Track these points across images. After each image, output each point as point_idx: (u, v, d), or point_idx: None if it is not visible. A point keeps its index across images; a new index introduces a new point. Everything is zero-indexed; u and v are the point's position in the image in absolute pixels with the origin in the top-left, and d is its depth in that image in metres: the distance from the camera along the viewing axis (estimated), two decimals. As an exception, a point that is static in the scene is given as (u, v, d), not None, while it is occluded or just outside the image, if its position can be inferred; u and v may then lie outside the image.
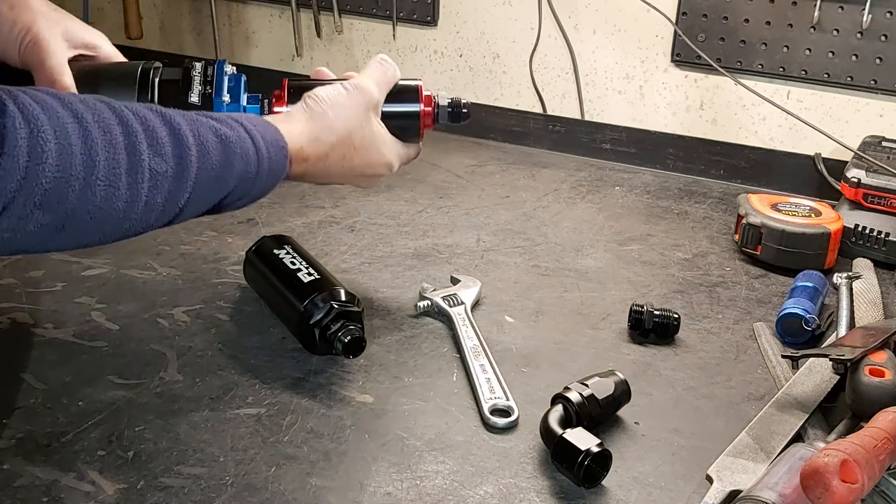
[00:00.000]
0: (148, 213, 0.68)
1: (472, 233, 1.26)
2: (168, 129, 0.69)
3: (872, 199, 1.24)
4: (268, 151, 0.77)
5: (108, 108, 0.66)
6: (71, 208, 0.62)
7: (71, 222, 0.63)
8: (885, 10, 1.41)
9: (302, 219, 1.27)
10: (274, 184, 0.81)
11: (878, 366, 0.81)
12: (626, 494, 0.74)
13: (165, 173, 0.68)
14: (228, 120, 0.76)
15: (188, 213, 0.72)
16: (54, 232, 0.62)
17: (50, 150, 0.59)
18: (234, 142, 0.74)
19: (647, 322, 0.98)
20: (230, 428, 0.80)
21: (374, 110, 0.90)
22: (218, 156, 0.72)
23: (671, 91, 1.63)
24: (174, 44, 2.10)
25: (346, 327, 0.88)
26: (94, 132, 0.63)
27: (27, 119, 0.58)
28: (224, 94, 0.88)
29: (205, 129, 0.72)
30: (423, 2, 1.78)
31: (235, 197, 0.77)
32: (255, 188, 0.78)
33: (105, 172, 0.63)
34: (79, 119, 0.62)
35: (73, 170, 0.61)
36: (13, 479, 0.72)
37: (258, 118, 0.81)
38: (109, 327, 0.95)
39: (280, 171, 0.80)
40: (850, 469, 0.62)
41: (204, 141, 0.71)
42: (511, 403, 0.84)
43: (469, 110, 0.96)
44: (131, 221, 0.67)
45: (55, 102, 0.62)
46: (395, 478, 0.75)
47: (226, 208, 0.78)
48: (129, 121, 0.66)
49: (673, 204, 1.41)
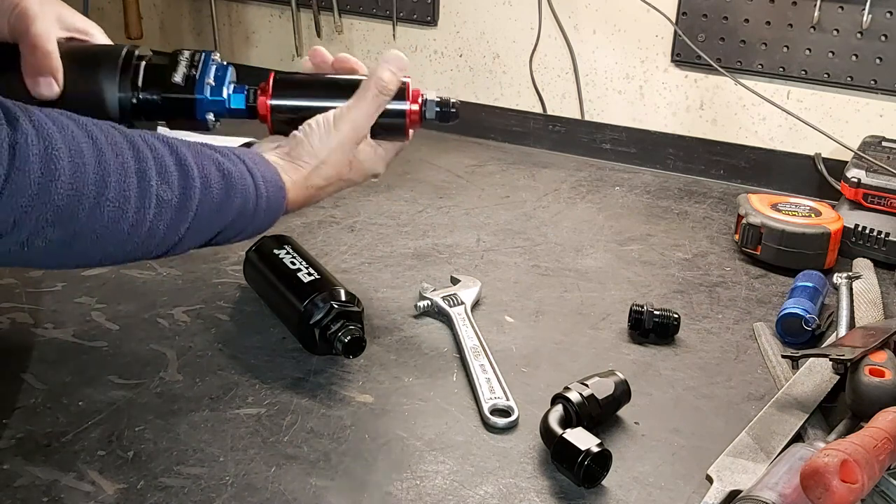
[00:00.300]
0: (150, 238, 0.69)
1: (472, 233, 1.26)
2: (174, 159, 0.70)
3: (872, 199, 1.24)
4: (266, 190, 0.78)
5: (120, 133, 0.67)
6: (80, 226, 0.63)
7: (78, 240, 0.64)
8: (885, 10, 1.41)
9: (302, 219, 1.27)
10: (271, 222, 0.82)
11: (878, 366, 0.81)
12: (626, 494, 0.74)
13: (170, 202, 0.69)
14: (231, 155, 0.77)
15: (186, 243, 0.74)
16: (61, 248, 0.63)
17: (63, 166, 0.60)
18: (235, 177, 0.75)
19: (647, 322, 0.98)
20: (230, 428, 0.80)
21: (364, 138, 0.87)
22: (219, 189, 0.73)
23: (671, 91, 1.63)
24: (174, 44, 2.10)
25: (346, 327, 0.88)
26: (108, 154, 0.64)
27: (41, 136, 0.59)
28: (209, 77, 0.87)
29: (208, 162, 0.73)
30: (423, 2, 1.78)
31: (232, 232, 0.78)
32: (251, 224, 0.79)
33: (115, 194, 0.64)
34: (93, 140, 0.64)
35: (85, 188, 0.62)
36: (13, 479, 0.72)
37: (259, 157, 0.81)
38: (109, 327, 0.95)
39: (277, 210, 0.81)
40: (850, 469, 0.62)
41: (207, 174, 0.72)
42: (511, 403, 0.84)
43: (458, 110, 0.92)
44: (133, 245, 0.68)
45: (69, 122, 0.63)
46: (395, 478, 0.75)
47: (221, 242, 0.79)
48: (139, 146, 0.67)
49: (673, 204, 1.41)
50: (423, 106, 0.91)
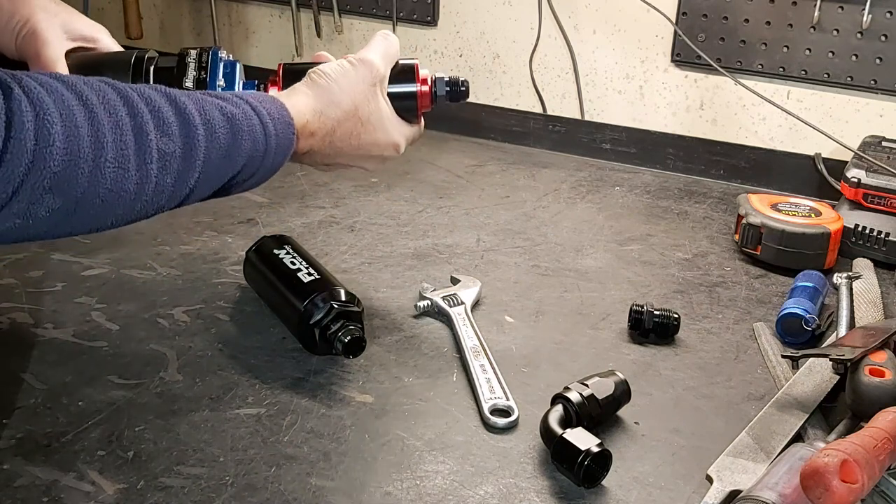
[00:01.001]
0: (158, 193, 0.67)
1: (472, 233, 1.26)
2: (174, 109, 0.68)
3: (872, 199, 1.24)
4: (275, 128, 0.76)
5: (113, 89, 0.65)
6: (81, 191, 0.61)
7: (82, 206, 0.62)
8: (885, 10, 1.41)
9: (302, 219, 1.27)
10: (282, 160, 0.79)
11: (878, 366, 0.81)
12: (626, 494, 0.74)
13: (174, 153, 0.67)
14: (233, 98, 0.75)
15: (198, 193, 0.72)
16: (66, 216, 0.62)
17: (57, 132, 0.59)
18: (240, 119, 0.73)
19: (647, 322, 0.98)
20: (230, 428, 0.80)
21: (380, 85, 0.88)
22: (225, 134, 0.71)
23: (671, 91, 1.63)
24: (174, 44, 2.10)
25: (346, 327, 0.88)
26: (101, 114, 0.62)
27: (32, 102, 0.58)
28: (219, 78, 0.87)
29: (210, 108, 0.71)
30: (423, 2, 1.78)
31: (245, 175, 0.76)
32: (263, 165, 0.77)
33: (114, 154, 0.63)
34: (84, 101, 0.62)
35: (81, 152, 0.61)
36: (13, 479, 0.72)
37: (263, 95, 0.80)
38: (109, 327, 0.95)
39: (288, 146, 0.79)
40: (850, 469, 0.62)
41: (210, 119, 0.71)
42: (511, 403, 0.84)
43: (468, 89, 0.93)
44: (142, 203, 0.67)
45: (59, 85, 0.62)
46: (395, 478, 0.75)
47: (235, 188, 0.77)
48: (135, 101, 0.66)
49: (673, 204, 1.41)
50: (433, 86, 0.91)
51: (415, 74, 0.91)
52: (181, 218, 1.22)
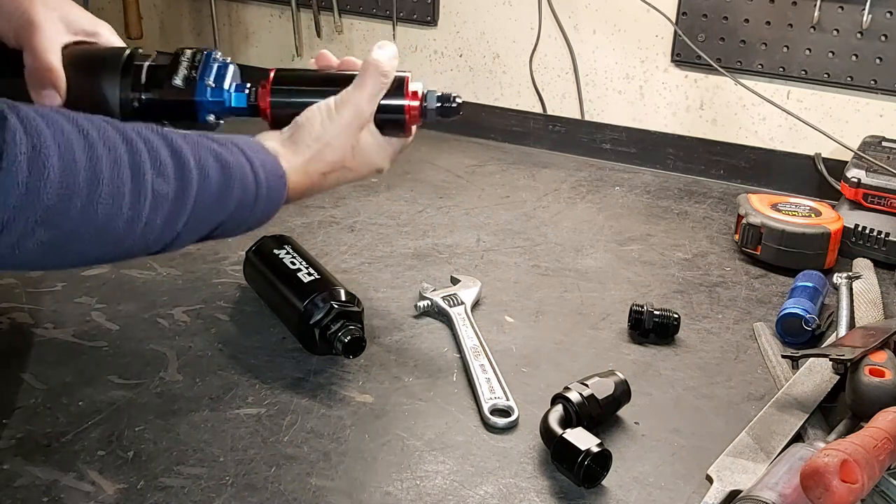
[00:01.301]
0: (147, 234, 0.67)
1: (472, 233, 1.26)
2: (170, 151, 0.68)
3: (872, 199, 1.24)
4: (266, 179, 0.76)
5: (113, 127, 0.65)
6: (73, 226, 0.61)
7: (72, 240, 0.62)
8: (885, 10, 1.41)
9: (302, 219, 1.27)
10: (271, 212, 0.80)
11: (878, 366, 0.81)
12: (626, 494, 0.74)
13: (167, 195, 0.67)
14: (228, 144, 0.75)
15: (185, 237, 0.72)
16: (54, 249, 0.61)
17: (52, 164, 0.58)
18: (233, 167, 0.73)
19: (647, 322, 0.98)
20: (230, 428, 0.80)
21: (367, 124, 0.86)
22: (218, 180, 0.71)
23: (671, 91, 1.63)
24: (174, 44, 2.09)
25: (346, 327, 0.88)
26: (99, 149, 0.62)
27: (29, 133, 0.58)
28: (208, 78, 0.86)
29: (205, 153, 0.71)
30: (423, 2, 1.78)
31: (233, 224, 0.76)
32: (252, 216, 0.77)
33: (108, 190, 0.62)
34: (84, 135, 0.62)
35: (76, 186, 0.60)
36: (13, 479, 0.72)
37: (257, 145, 0.79)
38: (109, 327, 0.95)
39: (278, 199, 0.79)
40: (850, 469, 0.62)
41: (204, 164, 0.70)
42: (511, 403, 0.84)
43: (461, 106, 0.89)
44: (130, 242, 0.66)
45: (59, 117, 0.61)
46: (395, 478, 0.75)
47: (221, 236, 0.77)
48: (133, 140, 0.66)
49: (673, 204, 1.41)
50: (423, 101, 0.88)
51: (404, 88, 0.88)
52: (181, 218, 1.21)
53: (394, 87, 0.88)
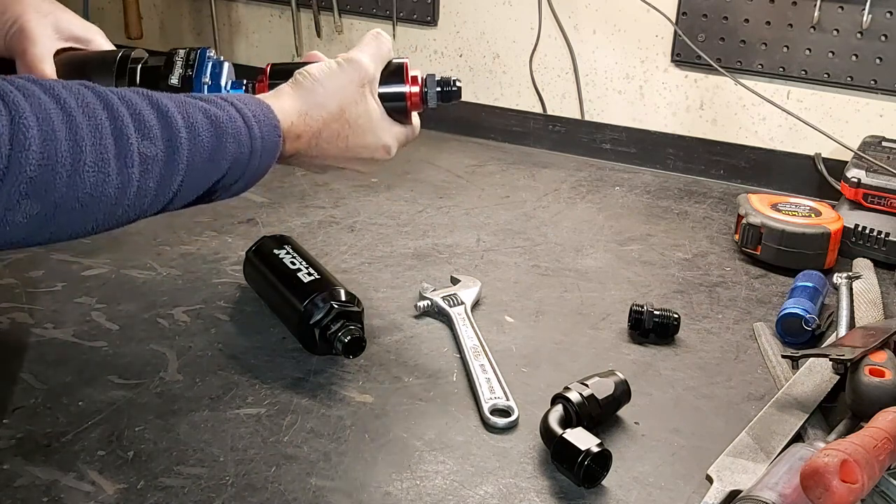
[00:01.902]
0: (140, 198, 0.66)
1: (472, 233, 1.26)
2: (156, 112, 0.67)
3: (872, 199, 1.24)
4: (260, 130, 0.75)
5: (93, 92, 0.64)
6: (59, 196, 0.60)
7: (61, 211, 0.61)
8: (885, 10, 1.41)
9: (302, 219, 1.27)
10: (269, 164, 0.77)
11: (878, 366, 0.81)
12: (626, 494, 0.74)
13: (156, 157, 0.66)
14: (217, 100, 0.73)
15: (182, 197, 0.70)
16: (45, 221, 0.61)
17: (33, 136, 0.58)
18: (224, 122, 0.71)
19: (647, 322, 0.98)
20: (230, 428, 0.80)
21: (370, 86, 0.85)
22: (209, 137, 0.70)
23: (671, 91, 1.63)
24: (174, 44, 2.09)
25: (346, 327, 0.88)
26: (79, 117, 0.61)
27: (7, 106, 0.57)
28: (205, 76, 0.85)
29: (194, 111, 0.70)
30: (423, 2, 1.78)
31: (230, 180, 0.74)
32: (249, 169, 0.75)
33: (93, 158, 0.61)
34: (62, 105, 0.61)
35: (58, 156, 0.59)
36: (13, 479, 0.72)
37: (248, 97, 0.78)
38: (109, 327, 0.95)
39: (274, 149, 0.77)
40: (850, 469, 0.62)
41: (193, 122, 0.69)
42: (511, 403, 0.84)
43: (461, 89, 0.90)
44: (124, 208, 0.65)
45: (37, 89, 0.60)
46: (395, 478, 0.75)
47: (221, 193, 0.75)
48: (115, 105, 0.64)
49: (673, 204, 1.41)
50: (423, 86, 0.88)
51: (404, 74, 0.88)
52: (181, 218, 1.22)
53: (394, 73, 0.88)
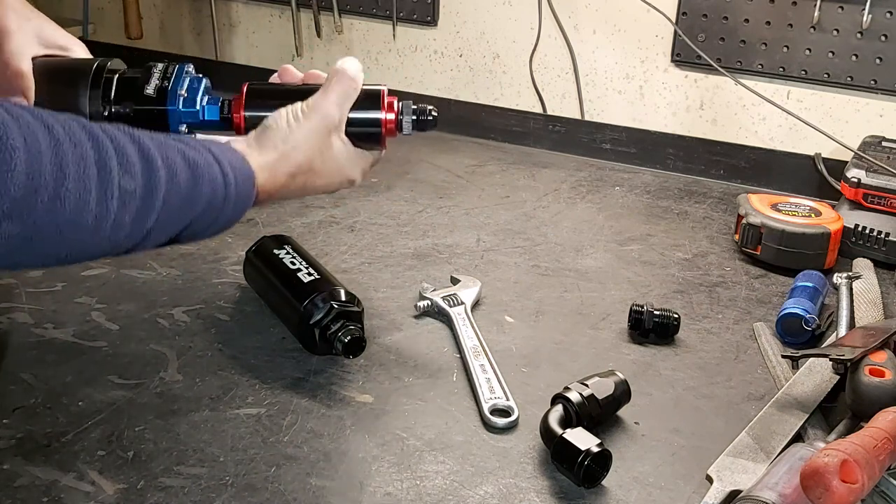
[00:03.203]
0: (116, 231, 0.67)
1: (472, 233, 1.26)
2: (137, 149, 0.68)
3: (872, 199, 1.24)
4: (235, 178, 0.76)
5: (79, 124, 0.65)
6: (39, 219, 0.60)
7: (39, 235, 0.61)
8: (885, 10, 1.41)
9: (302, 219, 1.27)
10: (241, 212, 0.79)
11: (878, 366, 0.81)
12: (626, 494, 0.74)
13: (134, 192, 0.67)
14: (196, 144, 0.75)
15: (155, 236, 0.71)
16: (22, 244, 0.61)
17: (19, 157, 0.58)
18: (201, 166, 0.73)
19: (647, 322, 0.98)
20: (230, 428, 0.80)
21: (336, 130, 0.86)
22: (186, 179, 0.71)
23: (671, 91, 1.63)
24: (174, 44, 2.10)
25: (346, 327, 0.88)
26: (65, 144, 0.62)
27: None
28: (181, 88, 0.86)
29: (173, 152, 0.71)
30: (423, 2, 1.78)
31: (203, 224, 0.75)
32: (222, 215, 0.76)
33: (75, 185, 0.62)
34: (49, 129, 0.61)
35: (41, 179, 0.60)
36: (13, 479, 0.72)
37: (225, 146, 0.79)
38: (109, 327, 0.95)
39: (247, 199, 0.79)
40: (850, 469, 0.62)
41: (172, 163, 0.70)
42: (511, 403, 0.84)
43: (436, 119, 0.90)
44: (99, 239, 0.66)
45: (25, 113, 0.61)
46: (395, 478, 0.75)
47: (192, 236, 0.76)
48: (100, 137, 0.65)
49: (673, 204, 1.41)
50: (399, 114, 0.88)
51: (380, 101, 0.88)
52: (181, 218, 1.22)
53: (370, 100, 0.88)
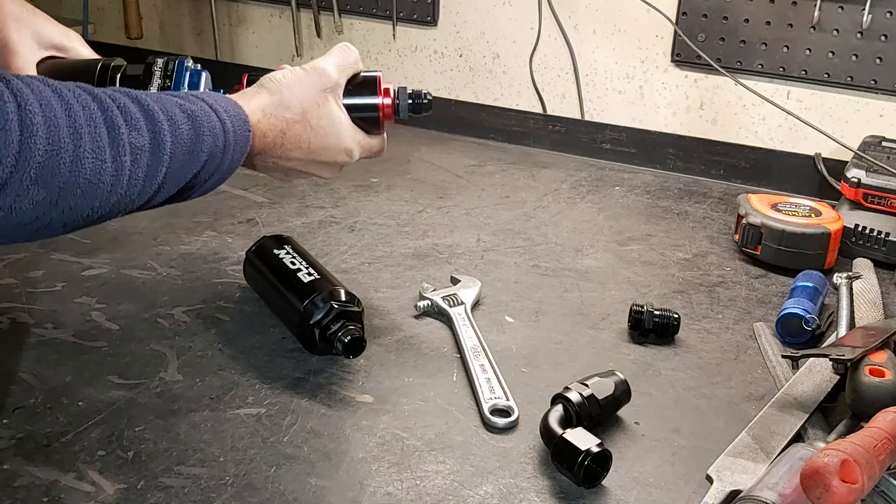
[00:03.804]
0: (131, 187, 0.69)
1: (472, 233, 1.26)
2: (138, 106, 0.70)
3: (872, 199, 1.24)
4: (232, 124, 0.78)
5: (83, 89, 0.67)
6: (63, 181, 0.63)
7: (63, 196, 0.64)
8: (885, 10, 1.41)
9: (302, 219, 1.27)
10: (240, 158, 0.81)
11: (878, 366, 0.81)
12: (626, 494, 0.74)
13: (143, 147, 0.69)
14: (190, 96, 0.77)
15: (166, 190, 0.73)
16: (48, 207, 0.63)
17: (38, 122, 0.60)
18: (200, 116, 0.75)
19: (647, 322, 0.98)
20: (230, 428, 0.80)
21: (332, 92, 0.89)
22: (188, 130, 0.73)
23: (671, 91, 1.63)
24: (174, 44, 2.10)
25: (346, 327, 0.88)
26: (76, 107, 0.64)
27: (13, 92, 0.59)
28: (183, 87, 0.88)
29: (171, 105, 0.73)
30: (423, 2, 1.78)
31: (207, 173, 0.77)
32: (223, 162, 0.79)
33: (91, 145, 0.64)
34: (59, 95, 0.64)
35: (62, 142, 0.62)
36: (13, 479, 0.72)
37: (217, 94, 0.81)
38: (109, 327, 0.95)
39: (245, 143, 0.81)
40: (850, 469, 0.62)
41: (173, 116, 0.73)
42: (511, 403, 0.84)
43: (431, 102, 0.93)
44: (118, 196, 0.68)
45: (33, 80, 0.63)
46: (395, 478, 0.75)
47: (197, 187, 0.78)
48: (104, 99, 0.68)
49: (673, 204, 1.41)
50: (395, 98, 0.91)
51: (377, 86, 0.91)
52: (181, 218, 1.22)
53: (367, 85, 0.91)
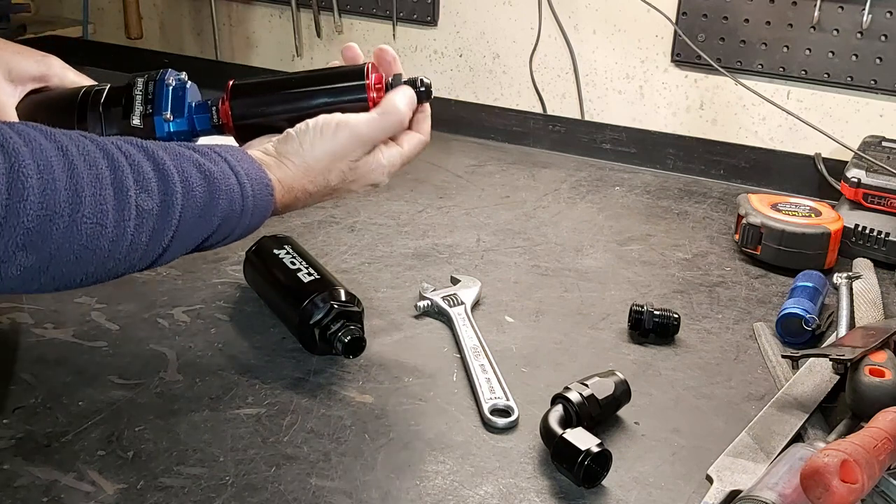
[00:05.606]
0: (132, 252, 0.65)
1: (472, 233, 1.26)
2: (152, 164, 0.66)
3: (872, 199, 1.24)
4: (252, 189, 0.73)
5: (92, 142, 0.63)
6: (55, 248, 0.59)
7: (55, 263, 0.60)
8: (885, 10, 1.41)
9: (302, 219, 1.27)
10: (259, 223, 0.77)
11: (878, 366, 0.81)
12: (626, 494, 0.74)
13: (151, 210, 0.65)
14: (212, 154, 0.72)
15: (171, 253, 0.69)
16: (37, 274, 0.59)
17: (32, 185, 0.56)
18: (218, 178, 0.70)
19: (647, 322, 0.98)
20: (230, 428, 0.80)
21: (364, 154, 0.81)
22: (202, 193, 0.69)
23: (671, 91, 1.63)
24: (174, 44, 2.10)
25: (346, 327, 0.88)
26: (80, 166, 0.60)
27: (7, 153, 0.55)
28: (164, 111, 0.82)
29: (188, 165, 0.69)
30: (423, 2, 1.78)
31: (220, 236, 0.73)
32: (239, 226, 0.74)
33: (91, 209, 0.60)
34: (63, 152, 0.59)
35: (57, 207, 0.58)
36: (13, 479, 0.72)
37: (241, 153, 0.76)
38: (109, 327, 0.95)
39: (265, 209, 0.76)
40: (850, 469, 0.62)
41: (188, 177, 0.68)
42: (511, 403, 0.84)
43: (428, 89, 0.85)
44: (115, 261, 0.64)
45: (37, 134, 0.59)
46: (395, 478, 0.75)
47: (209, 247, 0.74)
48: (115, 155, 0.63)
49: (673, 204, 1.41)
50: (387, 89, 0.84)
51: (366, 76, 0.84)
52: (181, 218, 1.22)
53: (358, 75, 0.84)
